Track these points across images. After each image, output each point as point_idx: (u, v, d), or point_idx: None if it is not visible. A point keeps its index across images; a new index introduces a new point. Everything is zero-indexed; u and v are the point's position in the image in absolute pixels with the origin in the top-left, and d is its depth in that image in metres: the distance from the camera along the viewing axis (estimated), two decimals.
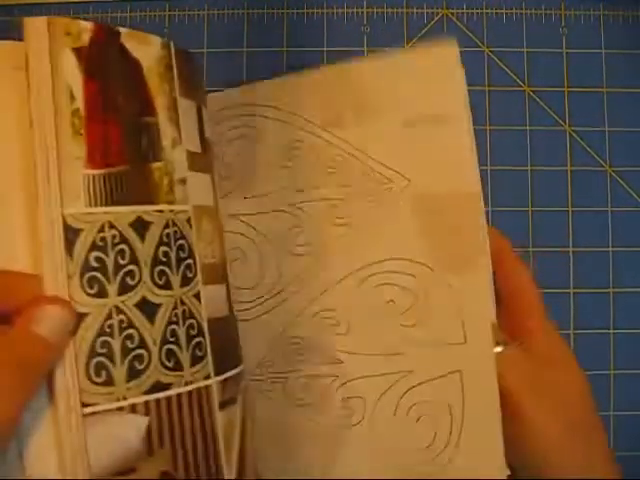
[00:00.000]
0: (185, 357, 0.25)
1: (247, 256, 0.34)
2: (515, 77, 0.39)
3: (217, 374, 0.26)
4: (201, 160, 0.28)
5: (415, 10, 0.40)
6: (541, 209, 0.38)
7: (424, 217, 0.32)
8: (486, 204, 0.36)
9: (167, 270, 0.25)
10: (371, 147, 0.33)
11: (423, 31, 0.39)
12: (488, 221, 0.37)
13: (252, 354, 0.33)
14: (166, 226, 0.25)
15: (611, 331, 0.38)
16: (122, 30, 0.26)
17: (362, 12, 0.40)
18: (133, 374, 0.24)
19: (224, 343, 0.27)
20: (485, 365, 0.30)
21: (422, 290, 0.31)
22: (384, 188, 0.33)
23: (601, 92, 0.39)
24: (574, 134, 0.39)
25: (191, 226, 0.26)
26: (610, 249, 0.38)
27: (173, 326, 0.25)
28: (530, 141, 0.39)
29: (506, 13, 0.40)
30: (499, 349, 0.30)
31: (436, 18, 0.39)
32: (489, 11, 0.40)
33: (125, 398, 0.24)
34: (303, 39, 0.39)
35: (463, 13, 0.40)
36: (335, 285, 0.33)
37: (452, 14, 0.40)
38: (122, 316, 0.24)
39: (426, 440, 0.31)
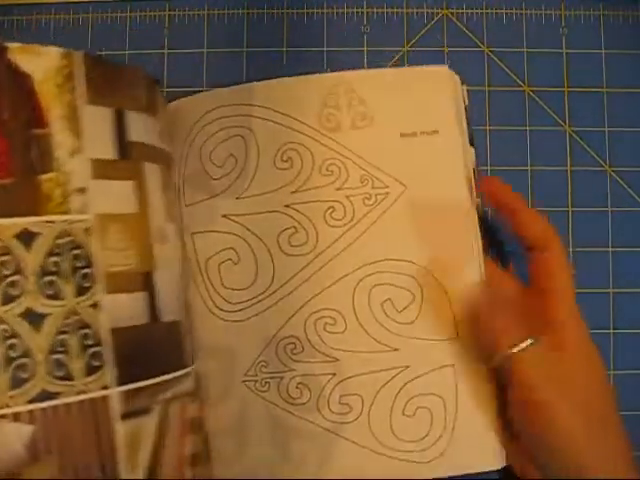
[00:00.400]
0: (77, 367, 0.25)
1: (240, 257, 0.34)
2: (515, 77, 0.39)
3: (121, 384, 0.26)
4: (117, 167, 0.28)
5: (415, 10, 0.40)
6: (541, 209, 0.38)
7: (419, 221, 0.33)
8: (486, 204, 0.36)
9: (57, 280, 0.26)
10: (369, 152, 0.34)
11: (423, 31, 0.39)
12: (488, 220, 0.37)
13: (246, 355, 0.34)
14: (58, 237, 0.26)
15: (611, 331, 0.38)
16: (10, 45, 0.26)
17: (362, 12, 0.40)
18: (16, 383, 0.24)
19: (137, 352, 0.27)
20: (476, 358, 0.32)
21: (417, 289, 0.33)
22: (381, 192, 0.34)
23: (601, 92, 0.39)
24: (574, 134, 0.39)
25: (91, 235, 0.27)
26: (610, 249, 0.38)
27: (63, 336, 0.25)
28: (530, 141, 0.39)
29: (506, 13, 0.40)
30: (529, 342, 0.30)
31: (436, 18, 0.39)
32: (489, 11, 0.40)
33: (8, 406, 0.24)
34: (303, 39, 0.39)
35: (463, 13, 0.40)
36: (332, 285, 0.33)
37: (452, 14, 0.40)
38: (5, 326, 0.24)
39: (421, 432, 0.32)
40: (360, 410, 0.33)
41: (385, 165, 0.34)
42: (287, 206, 0.34)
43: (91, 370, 0.26)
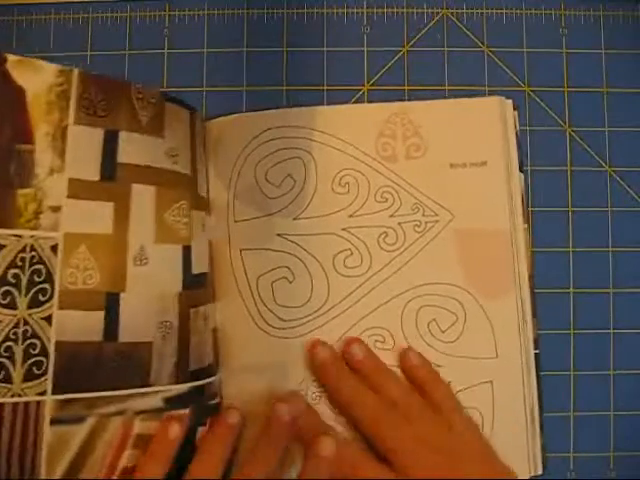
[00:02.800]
0: (18, 372, 0.27)
1: (295, 275, 0.35)
2: (515, 77, 0.39)
3: (56, 392, 0.28)
4: (97, 188, 0.29)
5: (415, 10, 0.40)
6: (541, 209, 0.38)
7: (464, 248, 0.36)
8: None
9: (14, 291, 0.27)
10: (421, 182, 0.36)
11: (423, 31, 0.39)
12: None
13: (296, 371, 0.35)
14: (22, 250, 0.27)
15: (611, 331, 0.38)
16: (10, 57, 0.27)
17: (362, 12, 0.40)
18: None
19: (79, 366, 0.29)
20: (513, 376, 0.35)
21: (461, 312, 0.35)
22: (431, 220, 0.36)
23: (601, 92, 0.39)
24: (574, 134, 0.39)
25: (56, 253, 0.28)
26: (610, 249, 0.38)
27: (10, 343, 0.27)
28: (530, 141, 0.39)
29: (506, 13, 0.40)
30: None
31: (436, 18, 0.39)
32: (489, 11, 0.40)
33: None
34: (303, 39, 0.39)
35: (463, 13, 0.40)
36: (382, 305, 0.35)
37: (452, 14, 0.40)
38: None
39: None
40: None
41: (435, 195, 0.36)
42: (344, 229, 0.36)
43: (31, 377, 0.28)
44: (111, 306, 0.29)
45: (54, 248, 0.28)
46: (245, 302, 0.35)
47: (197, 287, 0.33)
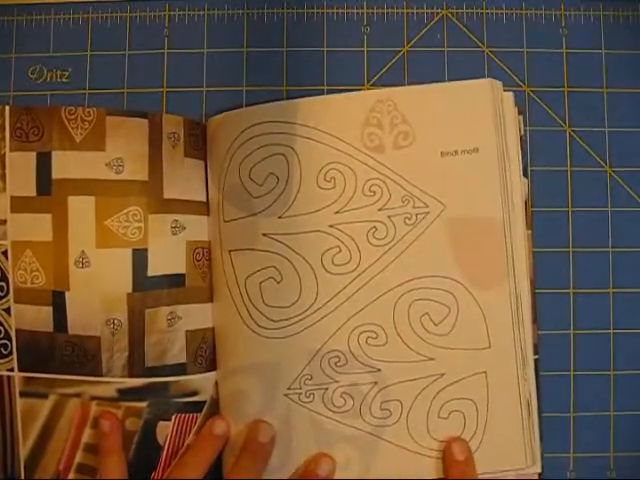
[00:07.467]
0: None
1: (282, 275, 0.35)
2: (515, 77, 0.39)
3: (22, 370, 0.34)
4: (35, 202, 0.34)
5: (415, 10, 0.40)
6: (541, 209, 0.38)
7: (456, 239, 0.34)
8: None
9: None
10: (410, 172, 0.35)
11: (423, 31, 0.39)
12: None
13: (289, 369, 0.35)
14: None
15: (611, 331, 0.38)
16: None
17: (362, 12, 0.40)
18: None
19: (36, 351, 0.34)
20: (507, 366, 0.34)
21: (454, 303, 0.34)
22: (422, 212, 0.35)
23: (601, 92, 0.39)
24: (574, 134, 0.39)
25: (7, 257, 0.34)
26: (610, 249, 0.38)
27: None
28: (530, 141, 0.39)
29: (506, 13, 0.40)
30: None
31: (436, 18, 0.39)
32: (489, 11, 0.40)
33: None
34: (303, 39, 0.39)
35: (463, 13, 0.40)
36: (373, 302, 0.35)
37: (452, 14, 0.40)
38: None
39: (455, 433, 0.34)
40: (399, 414, 0.34)
41: (426, 185, 0.35)
42: (331, 226, 0.35)
43: (1, 356, 0.34)
44: (58, 302, 0.34)
45: (5, 253, 0.34)
46: (235, 303, 0.35)
47: (158, 288, 0.34)
